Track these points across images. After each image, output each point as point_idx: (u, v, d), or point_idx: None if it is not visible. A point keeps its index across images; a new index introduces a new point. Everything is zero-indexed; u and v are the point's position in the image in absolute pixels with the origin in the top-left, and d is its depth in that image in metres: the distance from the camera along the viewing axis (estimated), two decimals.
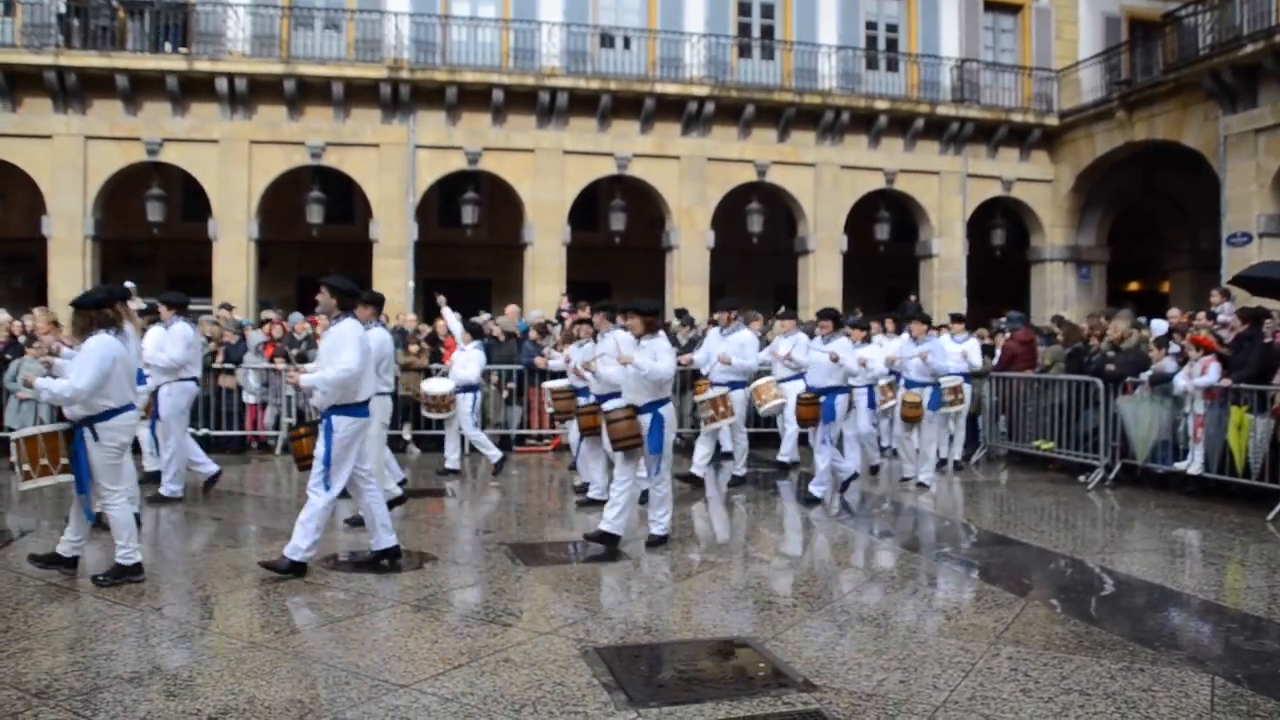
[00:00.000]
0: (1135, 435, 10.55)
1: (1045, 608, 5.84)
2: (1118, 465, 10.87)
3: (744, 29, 20.76)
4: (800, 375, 11.14)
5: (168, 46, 18.21)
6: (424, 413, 11.66)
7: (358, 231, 19.91)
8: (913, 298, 21.07)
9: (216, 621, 5.43)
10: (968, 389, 11.78)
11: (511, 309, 15.51)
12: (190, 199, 19.77)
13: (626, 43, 19.80)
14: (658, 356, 7.18)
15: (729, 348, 10.45)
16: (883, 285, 23.30)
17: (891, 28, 21.63)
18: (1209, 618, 5.83)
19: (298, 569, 6.25)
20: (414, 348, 13.09)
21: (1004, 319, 15.04)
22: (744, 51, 20.56)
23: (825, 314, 9.63)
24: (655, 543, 7.28)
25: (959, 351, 11.92)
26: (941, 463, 12.09)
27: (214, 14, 18.16)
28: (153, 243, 19.83)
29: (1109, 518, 9.29)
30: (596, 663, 4.71)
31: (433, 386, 11.32)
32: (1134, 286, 25.20)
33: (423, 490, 10.10)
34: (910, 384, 10.58)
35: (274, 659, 4.73)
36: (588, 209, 20.94)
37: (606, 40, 19.69)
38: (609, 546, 7.06)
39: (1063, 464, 11.82)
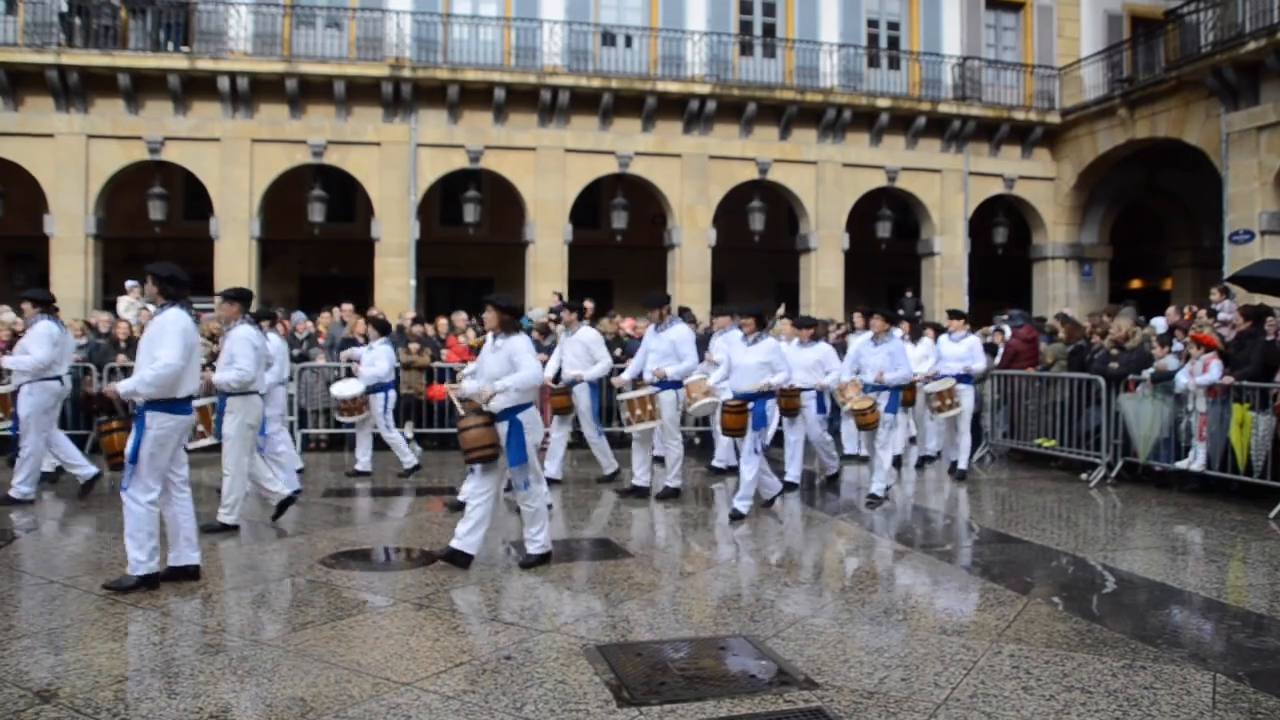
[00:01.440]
0: (1137, 433, 10.54)
1: (1047, 605, 5.84)
2: (1119, 463, 10.86)
3: (745, 27, 20.76)
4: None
5: (170, 45, 18.24)
6: (336, 416, 11.27)
7: (359, 230, 19.94)
8: (910, 294, 21.08)
9: (218, 619, 5.44)
10: (965, 391, 11.10)
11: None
12: (192, 198, 19.81)
13: (628, 41, 19.80)
14: (515, 363, 6.45)
15: (660, 346, 9.61)
16: (884, 283, 23.33)
17: (893, 25, 21.64)
18: (1211, 615, 5.82)
19: (148, 582, 5.85)
20: (414, 346, 13.09)
21: (1005, 316, 15.06)
22: (745, 50, 20.56)
23: (748, 312, 8.83)
24: (532, 563, 6.58)
25: (958, 351, 11.29)
26: (925, 460, 12.14)
27: (216, 13, 18.18)
28: (155, 241, 19.85)
29: (1111, 515, 9.29)
30: (598, 660, 4.72)
31: (341, 390, 10.75)
32: (1136, 284, 25.20)
33: (425, 489, 10.12)
34: (866, 388, 9.63)
35: (275, 657, 4.74)
36: (589, 207, 20.96)
37: (608, 39, 19.70)
38: (459, 566, 6.46)
39: (1064, 462, 11.82)
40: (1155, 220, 23.73)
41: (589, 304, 14.43)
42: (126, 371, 11.92)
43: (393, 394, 10.99)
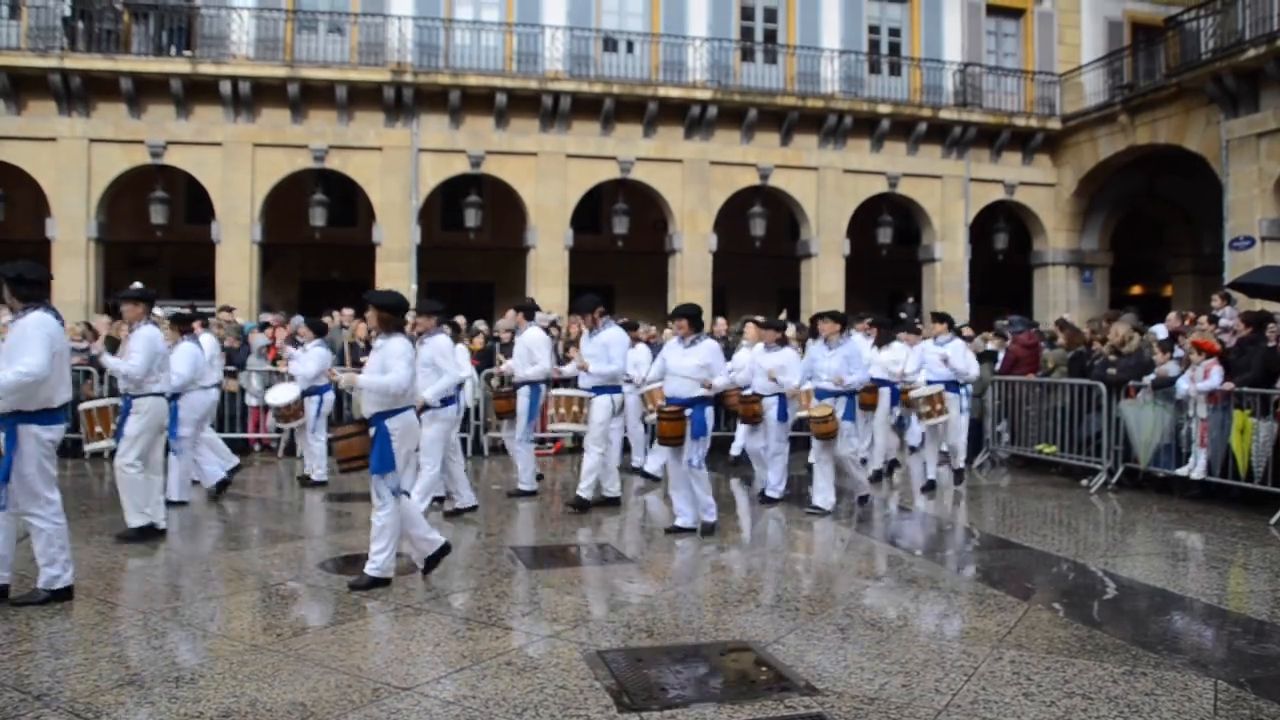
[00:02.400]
0: (1137, 439, 10.54)
1: (1048, 611, 5.83)
2: (1120, 469, 10.86)
3: (747, 33, 20.78)
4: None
5: (172, 50, 18.28)
6: (274, 422, 11.04)
7: (360, 234, 19.95)
8: (910, 299, 21.08)
9: (218, 624, 5.43)
10: (952, 398, 10.65)
11: (512, 312, 15.50)
12: (193, 202, 19.82)
13: (629, 46, 19.83)
14: (386, 366, 6.14)
15: (593, 350, 9.16)
16: (885, 289, 23.33)
17: (894, 32, 21.67)
18: (1212, 622, 5.82)
19: (59, 595, 5.71)
20: None
21: (1005, 322, 15.04)
22: (747, 55, 20.58)
23: (680, 313, 8.16)
24: (363, 585, 6.05)
25: (940, 356, 10.66)
26: (882, 473, 11.51)
27: (218, 17, 18.21)
28: (156, 245, 19.89)
29: (1111, 521, 9.28)
30: (598, 666, 4.71)
31: (276, 397, 10.50)
32: (1136, 290, 25.19)
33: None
34: (821, 394, 9.16)
35: (276, 662, 4.74)
36: (590, 212, 20.96)
37: (609, 44, 19.72)
38: (374, 589, 6.06)
39: (1065, 467, 11.82)
40: (1156, 226, 23.74)
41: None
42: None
43: (329, 397, 10.67)
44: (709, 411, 7.96)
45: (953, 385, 10.75)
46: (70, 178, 17.90)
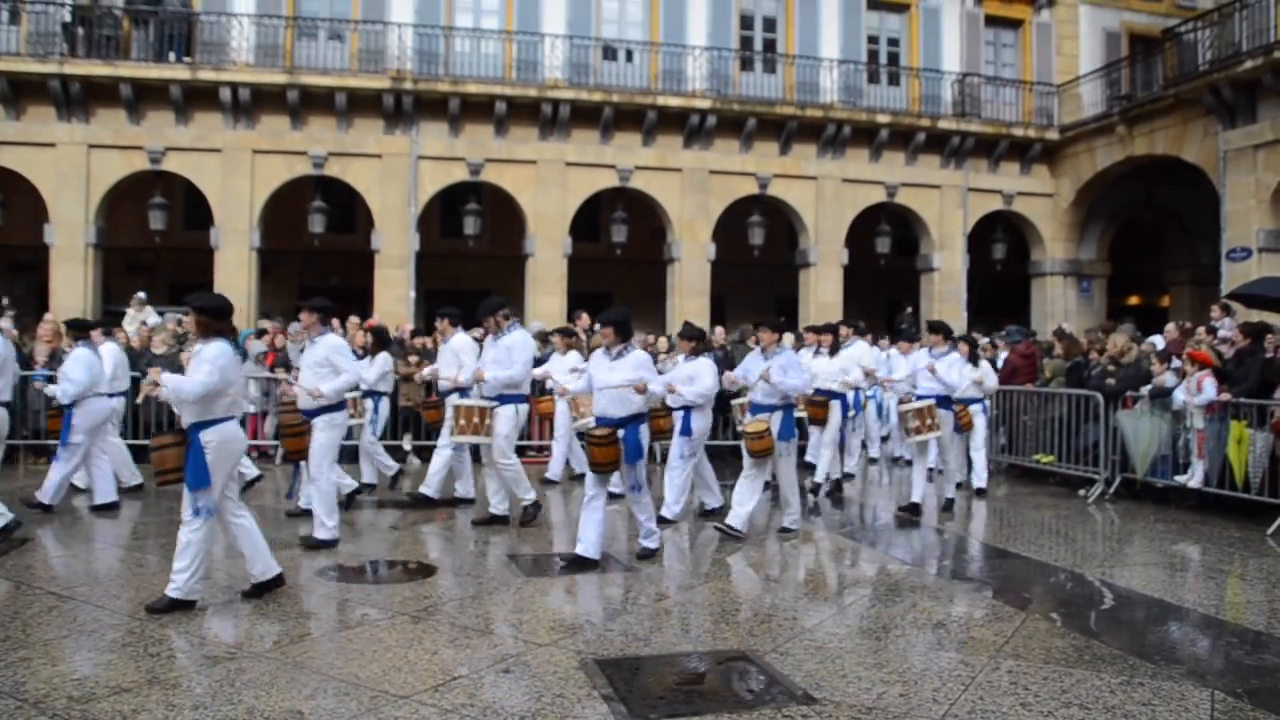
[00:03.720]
0: (1135, 449, 10.55)
1: (1045, 621, 5.83)
2: (1117, 479, 10.87)
3: (746, 42, 20.84)
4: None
5: (171, 56, 18.29)
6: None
7: (359, 241, 19.96)
8: (908, 309, 21.12)
9: (215, 631, 5.42)
10: (946, 416, 9.76)
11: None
12: (192, 208, 19.83)
13: (629, 55, 19.87)
14: (197, 370, 5.74)
15: (496, 354, 8.60)
16: (884, 299, 23.37)
17: (893, 42, 21.74)
18: (1209, 632, 5.82)
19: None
20: (413, 358, 13.10)
21: (1003, 332, 15.07)
22: (746, 65, 20.63)
23: (605, 319, 7.45)
24: (163, 608, 5.64)
25: (942, 369, 9.83)
26: (840, 481, 11.22)
27: (218, 24, 18.24)
28: (155, 251, 19.90)
29: (1109, 532, 9.29)
30: (596, 674, 4.71)
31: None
32: (1134, 300, 25.25)
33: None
34: (757, 408, 8.56)
35: (273, 669, 4.73)
36: (589, 220, 20.99)
37: (609, 53, 19.76)
38: (174, 611, 5.65)
39: (1063, 477, 11.83)
40: (1153, 237, 23.80)
41: (584, 316, 14.42)
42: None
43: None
44: (644, 430, 7.23)
45: (944, 400, 9.84)
46: (69, 183, 17.90)
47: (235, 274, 18.47)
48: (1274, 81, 16.22)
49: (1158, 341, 13.05)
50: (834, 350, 11.11)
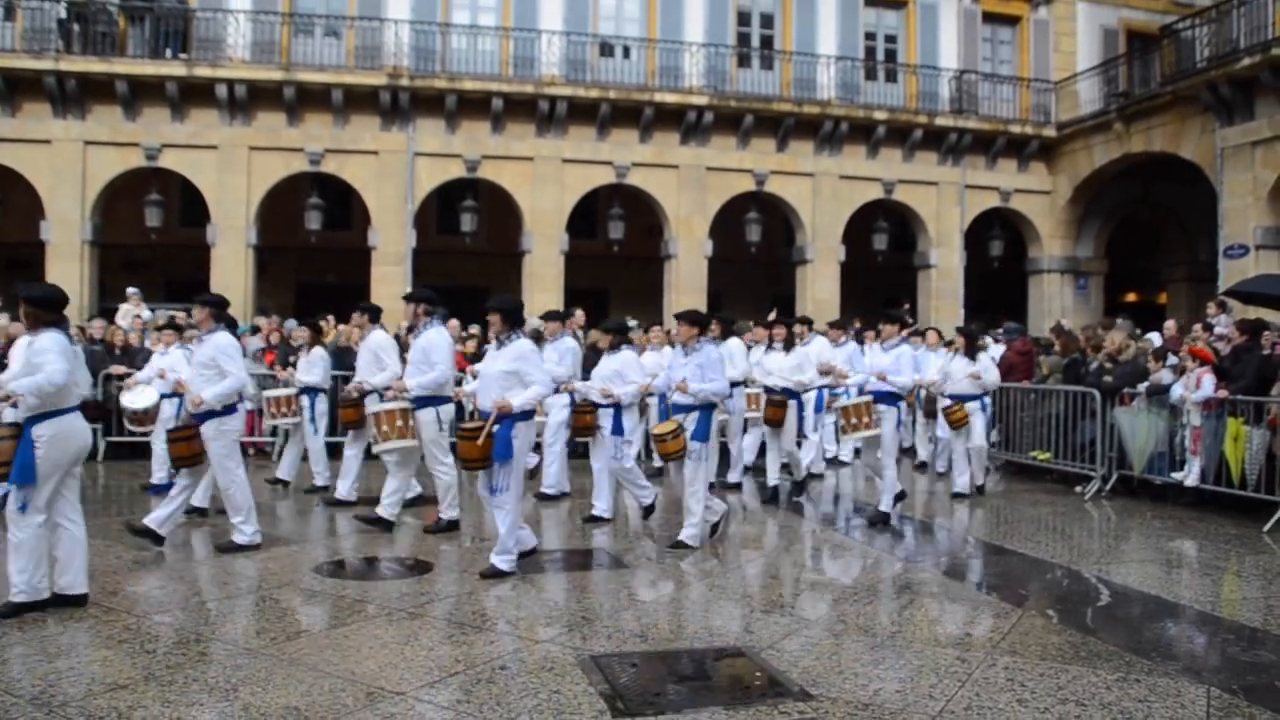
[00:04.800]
0: (1132, 446, 10.55)
1: (1042, 618, 5.84)
2: (1114, 476, 10.88)
3: (743, 39, 20.84)
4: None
5: (168, 52, 18.26)
6: (128, 426, 10.47)
7: (356, 238, 19.94)
8: (906, 306, 21.12)
9: (212, 628, 5.42)
10: (887, 413, 8.92)
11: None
12: (189, 205, 19.79)
13: (626, 52, 19.85)
14: (35, 365, 5.43)
15: (413, 356, 8.11)
16: (880, 295, 23.35)
17: (890, 39, 21.74)
18: (1205, 629, 5.83)
19: None
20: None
21: (1000, 330, 15.08)
22: (743, 61, 20.63)
23: (493, 306, 6.86)
24: (9, 613, 5.41)
25: (882, 363, 9.06)
26: (802, 486, 10.48)
27: (214, 20, 18.21)
28: (151, 248, 19.84)
29: (1105, 528, 9.29)
30: (592, 671, 4.71)
31: (132, 401, 9.84)
32: (1131, 297, 25.26)
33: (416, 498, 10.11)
34: (676, 408, 7.86)
35: (269, 666, 4.72)
36: (586, 217, 20.98)
37: (606, 49, 19.74)
38: (23, 614, 5.46)
39: (1059, 474, 11.83)
40: (1150, 234, 23.81)
41: (580, 313, 14.39)
42: (122, 378, 11.95)
43: (183, 404, 9.85)
44: (519, 428, 6.57)
45: (890, 397, 8.91)
46: (65, 180, 17.86)
47: (232, 271, 18.44)
48: (1271, 79, 16.23)
49: (1155, 339, 13.06)
50: (789, 346, 10.37)
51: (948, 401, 10.82)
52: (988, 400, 11.04)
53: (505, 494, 6.51)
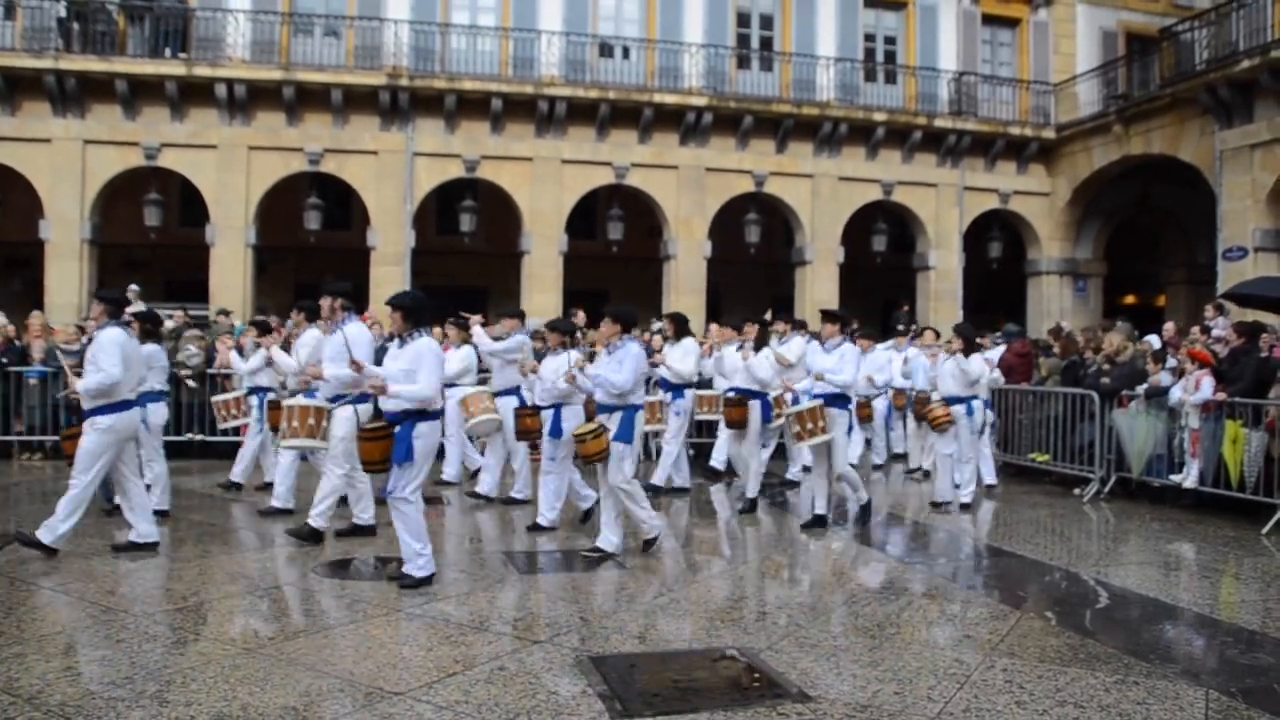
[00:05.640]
0: (1130, 448, 10.56)
1: (1040, 620, 5.84)
2: (1113, 478, 10.88)
3: (743, 40, 20.84)
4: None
5: (167, 52, 18.26)
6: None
7: (355, 238, 19.93)
8: (905, 307, 21.14)
9: (210, 627, 5.42)
10: (838, 416, 8.56)
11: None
12: (188, 204, 19.79)
13: (625, 53, 19.86)
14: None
15: (329, 351, 7.71)
16: (879, 297, 23.37)
17: (890, 40, 21.75)
18: (1204, 631, 5.83)
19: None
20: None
21: (1000, 332, 15.08)
22: (743, 62, 20.64)
23: (391, 302, 6.55)
24: None
25: (826, 364, 8.60)
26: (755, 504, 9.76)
27: (214, 20, 18.21)
28: (150, 248, 19.83)
29: (1104, 530, 9.30)
30: (590, 672, 4.70)
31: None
32: (1130, 300, 25.27)
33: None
34: (600, 408, 7.49)
35: (268, 666, 4.72)
36: (585, 218, 20.98)
37: (605, 50, 19.74)
38: None
39: (1058, 476, 11.83)
40: (1149, 236, 23.82)
41: (581, 314, 14.38)
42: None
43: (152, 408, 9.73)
44: (422, 428, 6.26)
45: (840, 399, 8.61)
46: (64, 179, 17.86)
47: (231, 271, 18.44)
48: (1271, 81, 16.24)
49: (1154, 341, 13.06)
50: (759, 345, 9.80)
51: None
52: (976, 405, 10.23)
53: (405, 495, 6.22)
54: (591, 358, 9.35)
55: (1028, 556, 7.82)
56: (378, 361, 7.38)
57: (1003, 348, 13.68)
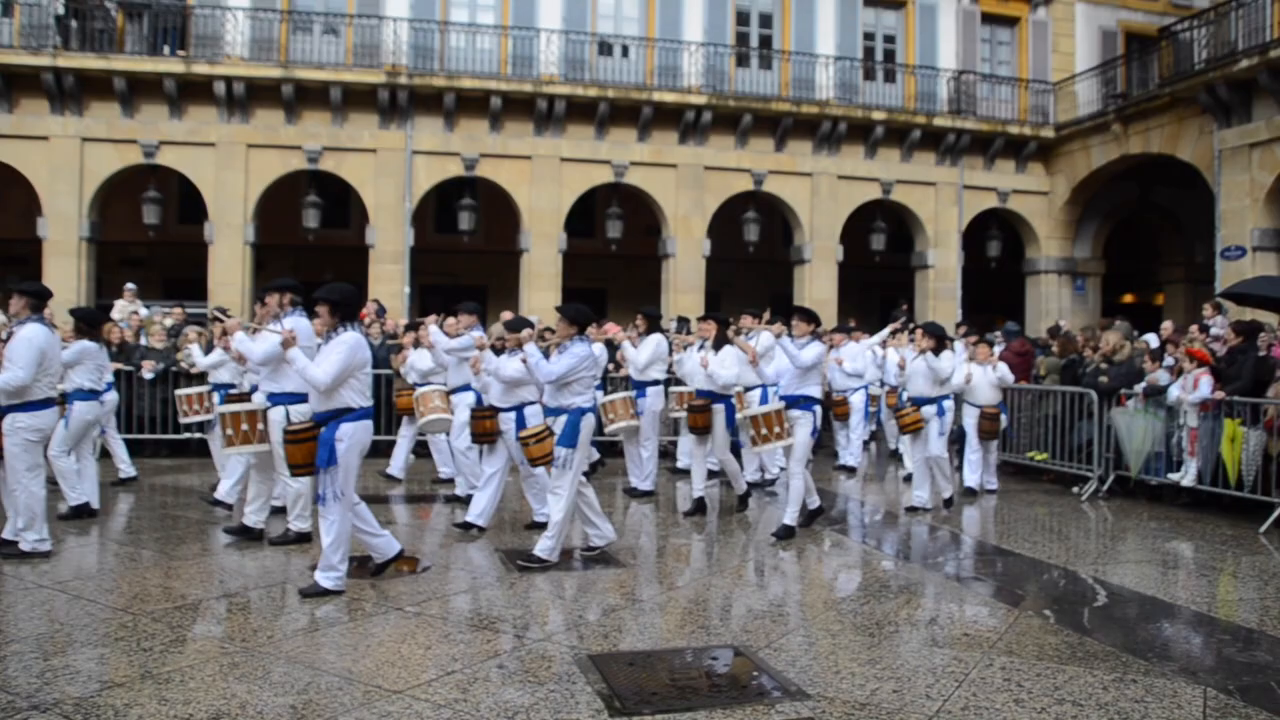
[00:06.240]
0: (1129, 447, 10.56)
1: (1038, 618, 5.85)
2: (1111, 476, 10.89)
3: (742, 39, 20.84)
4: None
5: (166, 49, 18.25)
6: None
7: (354, 236, 19.94)
8: (903, 306, 21.14)
9: (208, 625, 5.41)
10: (801, 419, 8.21)
11: (505, 315, 15.48)
12: (187, 202, 19.77)
13: (625, 51, 19.85)
14: None
15: (247, 348, 7.36)
16: (878, 295, 23.39)
17: (889, 39, 21.74)
18: (1201, 629, 5.84)
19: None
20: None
21: (998, 331, 15.09)
22: (742, 61, 20.63)
23: (323, 295, 6.21)
24: None
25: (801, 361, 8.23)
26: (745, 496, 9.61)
27: (212, 17, 18.18)
28: (148, 245, 19.82)
29: (1102, 529, 9.30)
30: (589, 670, 4.71)
31: None
32: (1128, 299, 25.30)
33: (415, 496, 10.11)
34: (547, 410, 7.27)
35: (267, 664, 4.72)
36: (584, 216, 20.98)
37: (605, 48, 19.74)
38: None
39: (1056, 475, 11.84)
40: (1148, 235, 23.85)
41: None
42: (118, 375, 11.94)
43: (110, 398, 9.56)
44: (345, 429, 6.00)
45: (806, 401, 8.27)
46: (62, 177, 17.84)
47: (229, 269, 18.43)
48: (1269, 81, 16.25)
49: (1152, 339, 13.08)
50: (719, 344, 9.39)
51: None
52: (945, 405, 9.75)
53: (330, 503, 5.97)
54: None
55: (1026, 555, 7.82)
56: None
57: (1002, 346, 13.68)
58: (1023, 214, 22.10)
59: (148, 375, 12.30)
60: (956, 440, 11.11)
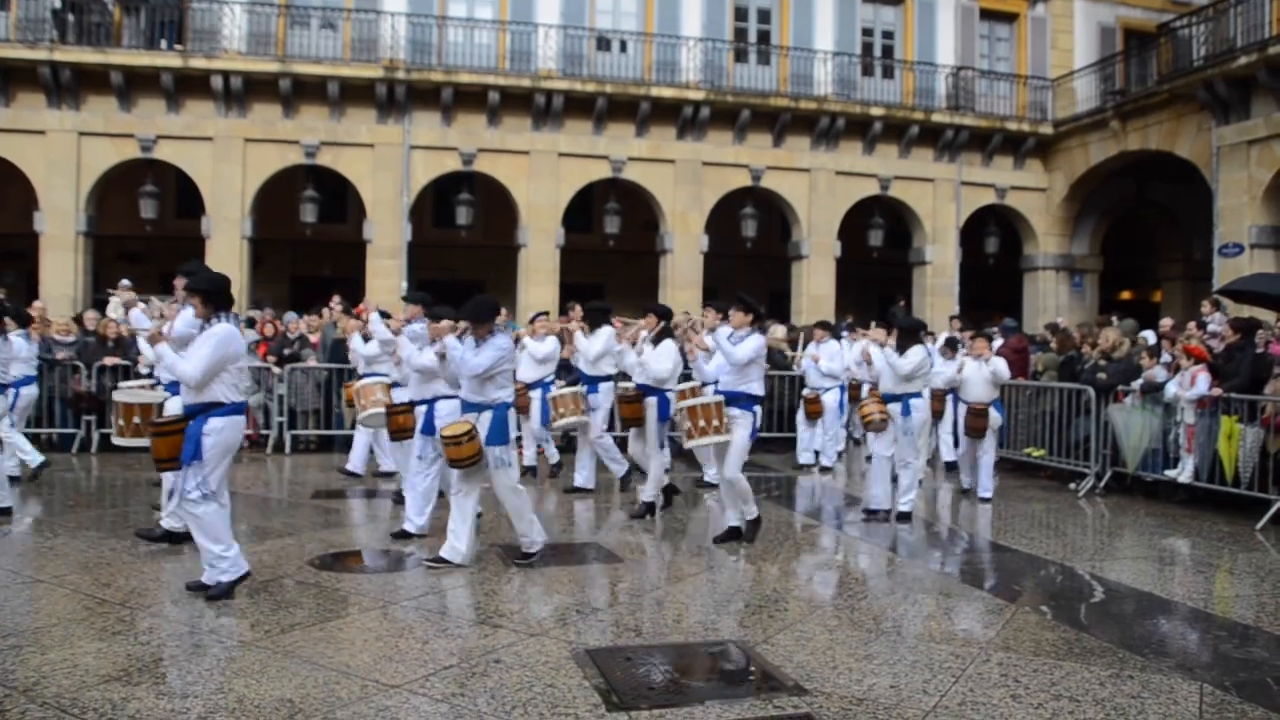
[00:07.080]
0: (1126, 443, 10.58)
1: (1035, 614, 5.85)
2: (1108, 473, 10.90)
3: (740, 34, 20.82)
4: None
5: (163, 43, 18.22)
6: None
7: (351, 231, 19.91)
8: (901, 302, 21.16)
9: (206, 620, 5.41)
10: (741, 417, 7.62)
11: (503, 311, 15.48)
12: (184, 196, 19.76)
13: (623, 46, 19.83)
14: None
15: (141, 344, 6.91)
16: (876, 291, 23.39)
17: (888, 35, 21.73)
18: (1198, 625, 5.85)
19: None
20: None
21: (996, 327, 15.11)
22: (740, 56, 20.62)
23: (193, 284, 5.94)
24: None
25: (736, 356, 7.64)
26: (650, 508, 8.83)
27: (210, 11, 18.14)
28: (145, 240, 19.80)
29: (1099, 525, 9.32)
30: (587, 664, 4.71)
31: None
32: (1126, 295, 25.32)
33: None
34: (466, 406, 6.78)
35: (264, 658, 4.72)
36: (582, 211, 20.97)
37: (603, 43, 19.72)
38: None
39: (1054, 471, 11.85)
40: (1146, 232, 23.85)
41: (576, 308, 14.33)
42: (115, 370, 11.94)
43: (27, 391, 9.89)
44: (214, 424, 5.70)
45: (748, 399, 7.70)
46: (59, 171, 17.81)
47: (227, 263, 18.31)
48: (1268, 77, 16.25)
49: (1150, 336, 13.08)
50: (659, 338, 9.03)
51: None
52: (915, 403, 9.03)
53: (197, 497, 5.65)
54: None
55: (1023, 551, 7.83)
56: None
57: (1000, 342, 13.68)
58: (1021, 210, 22.11)
59: (143, 370, 12.29)
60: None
